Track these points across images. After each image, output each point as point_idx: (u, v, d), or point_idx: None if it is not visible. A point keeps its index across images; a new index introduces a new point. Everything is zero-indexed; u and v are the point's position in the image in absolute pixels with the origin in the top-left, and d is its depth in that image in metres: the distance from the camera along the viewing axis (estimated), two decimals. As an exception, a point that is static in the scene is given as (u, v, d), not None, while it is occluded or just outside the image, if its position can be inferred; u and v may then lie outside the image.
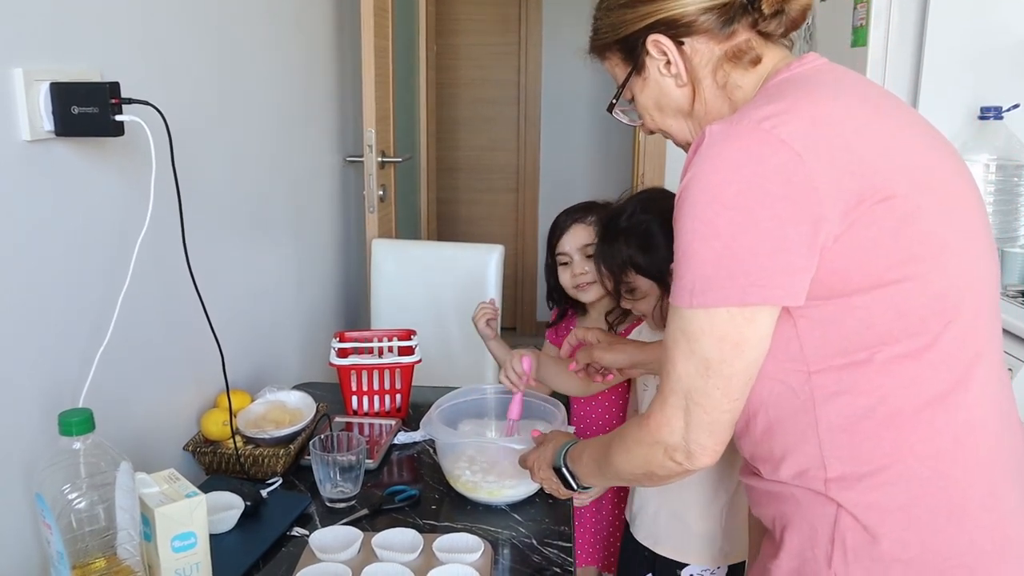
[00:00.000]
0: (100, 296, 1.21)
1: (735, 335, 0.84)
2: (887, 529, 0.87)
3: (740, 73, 0.95)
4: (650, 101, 1.01)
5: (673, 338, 0.88)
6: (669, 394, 0.90)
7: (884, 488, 0.87)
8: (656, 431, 0.92)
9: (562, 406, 1.46)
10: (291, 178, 2.02)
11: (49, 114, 1.07)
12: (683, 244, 0.85)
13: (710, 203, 0.82)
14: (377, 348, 1.74)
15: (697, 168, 0.84)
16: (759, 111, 0.84)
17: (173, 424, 1.46)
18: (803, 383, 0.89)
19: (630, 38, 0.98)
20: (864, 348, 0.85)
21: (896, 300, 0.84)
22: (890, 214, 0.82)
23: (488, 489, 1.34)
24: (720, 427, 0.89)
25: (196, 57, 1.50)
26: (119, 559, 0.96)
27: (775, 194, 0.80)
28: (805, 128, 0.82)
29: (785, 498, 0.94)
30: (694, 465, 0.91)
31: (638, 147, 3.37)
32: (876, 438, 0.87)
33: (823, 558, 0.90)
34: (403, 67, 2.79)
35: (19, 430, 1.07)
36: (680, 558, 1.44)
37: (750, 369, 0.87)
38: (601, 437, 1.10)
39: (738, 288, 0.82)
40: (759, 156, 0.81)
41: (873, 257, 0.83)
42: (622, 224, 1.38)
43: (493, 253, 2.26)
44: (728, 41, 0.94)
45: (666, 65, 0.97)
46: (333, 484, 1.33)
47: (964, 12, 2.46)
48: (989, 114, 2.27)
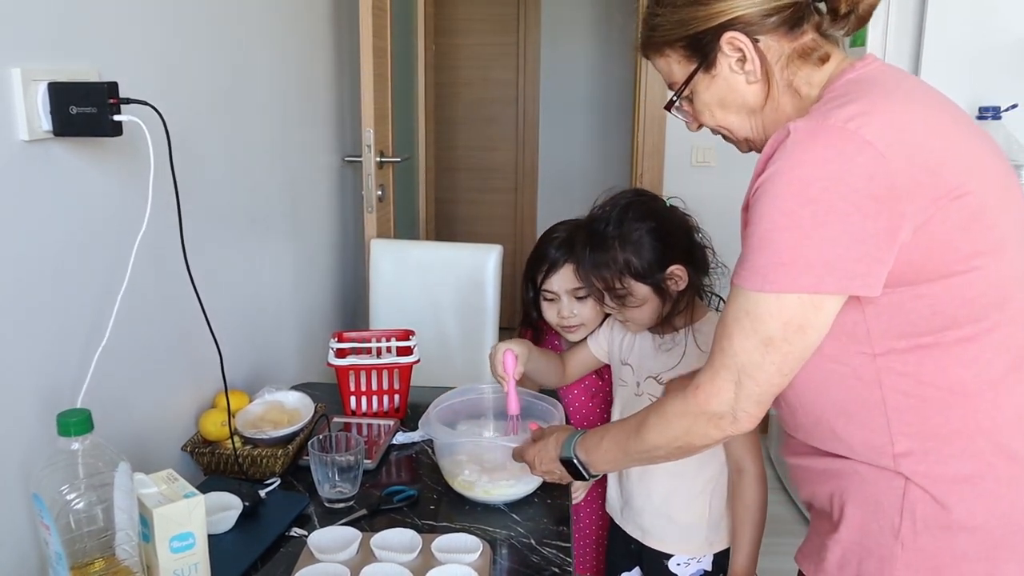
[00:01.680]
0: (98, 296, 1.20)
1: (801, 319, 0.89)
2: (955, 499, 0.93)
3: (809, 70, 0.99)
4: (715, 98, 1.03)
5: (734, 316, 0.92)
6: (721, 368, 0.95)
7: (950, 461, 0.93)
8: (705, 402, 0.97)
9: (560, 405, 1.46)
10: (289, 178, 2.02)
11: (47, 114, 1.07)
12: (760, 231, 0.89)
13: (795, 196, 0.86)
14: (375, 348, 1.74)
15: (783, 162, 0.88)
16: (842, 111, 0.88)
17: (171, 424, 1.46)
18: (867, 365, 0.94)
19: (701, 35, 0.99)
20: (929, 332, 0.91)
21: (962, 289, 0.89)
22: (962, 211, 0.87)
23: (486, 488, 1.34)
24: (767, 398, 0.95)
25: (195, 57, 1.50)
26: (117, 560, 0.96)
27: (859, 190, 0.84)
28: (886, 129, 0.86)
29: (847, 474, 1.00)
30: (737, 430, 0.97)
31: (636, 147, 3.37)
32: (942, 415, 0.93)
33: (889, 530, 0.96)
34: (401, 67, 2.79)
35: (17, 430, 1.07)
36: (666, 549, 1.45)
37: (807, 350, 0.92)
38: (621, 420, 1.17)
39: (814, 276, 0.87)
40: (845, 154, 0.85)
41: (945, 250, 0.88)
42: (611, 231, 1.36)
43: (491, 253, 2.26)
44: (798, 39, 0.98)
45: (739, 62, 0.99)
46: (331, 484, 1.33)
47: (962, 12, 2.47)
48: (987, 114, 2.28)
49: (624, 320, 1.44)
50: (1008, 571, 0.93)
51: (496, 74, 4.50)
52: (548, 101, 4.51)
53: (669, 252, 1.35)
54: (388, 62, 2.47)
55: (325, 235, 2.34)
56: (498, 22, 4.44)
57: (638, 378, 1.46)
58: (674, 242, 1.37)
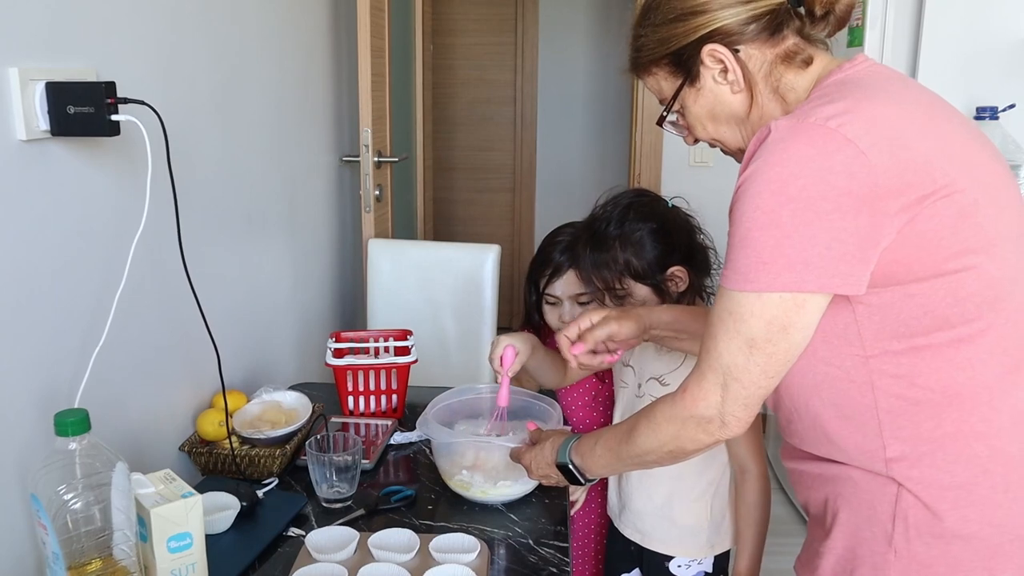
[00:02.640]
0: (96, 296, 1.20)
1: (783, 318, 0.88)
2: (948, 506, 0.91)
3: (793, 75, 0.99)
4: (704, 111, 1.04)
5: (719, 317, 0.92)
6: (707, 370, 0.94)
7: (944, 466, 0.91)
8: (692, 406, 0.96)
9: (557, 405, 1.46)
10: (287, 177, 2.02)
11: (44, 114, 1.07)
12: (741, 231, 0.88)
13: (775, 194, 0.86)
14: (373, 348, 1.74)
15: (763, 160, 0.88)
16: (824, 110, 0.88)
17: (169, 424, 1.46)
18: (860, 367, 0.93)
19: (682, 51, 1.00)
20: (922, 333, 0.90)
21: (953, 288, 0.88)
22: (950, 208, 0.86)
23: (484, 488, 1.34)
24: (754, 401, 0.94)
25: (192, 57, 1.49)
26: (115, 560, 0.96)
27: (839, 188, 0.84)
28: (868, 127, 0.86)
29: (841, 480, 0.99)
30: (726, 435, 0.96)
31: (634, 147, 3.37)
32: (936, 419, 0.91)
33: (882, 536, 0.94)
34: (399, 67, 2.79)
35: (15, 430, 1.07)
36: (667, 551, 1.45)
37: (792, 351, 0.91)
38: (614, 425, 1.16)
39: (795, 275, 0.86)
40: (826, 152, 0.85)
41: (933, 248, 0.87)
42: (612, 231, 1.36)
43: (489, 253, 2.26)
44: (780, 45, 0.98)
45: (721, 73, 0.99)
46: (329, 484, 1.33)
47: (959, 13, 2.47)
48: (985, 115, 2.28)
49: None
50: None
51: (494, 74, 4.50)
52: (546, 101, 4.51)
53: (670, 253, 1.35)
54: (386, 62, 2.47)
55: (323, 235, 2.34)
56: (496, 22, 4.44)
57: (639, 380, 1.45)
58: (675, 243, 1.36)
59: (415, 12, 3.03)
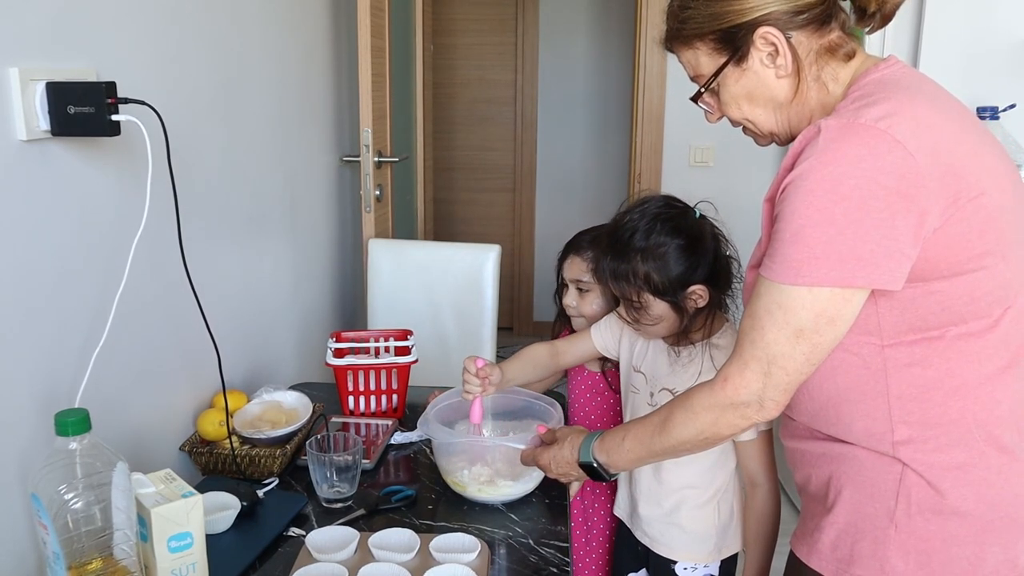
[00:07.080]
0: (96, 296, 1.20)
1: (832, 311, 0.92)
2: (949, 485, 0.97)
3: (836, 66, 1.02)
4: (743, 91, 1.05)
5: (766, 309, 0.95)
6: (751, 359, 0.97)
7: (946, 449, 0.97)
8: (733, 393, 1.00)
9: (558, 405, 1.46)
10: (287, 177, 2.02)
11: (45, 114, 1.07)
12: (794, 227, 0.91)
13: (828, 193, 0.89)
14: (373, 348, 1.74)
15: (815, 159, 0.91)
16: (871, 111, 0.91)
17: (169, 424, 1.46)
18: (875, 355, 0.98)
19: (735, 29, 1.01)
20: (937, 327, 0.95)
21: (970, 287, 0.93)
22: (979, 213, 0.91)
23: (484, 488, 1.34)
24: (794, 386, 0.98)
25: (192, 57, 1.50)
26: (115, 559, 0.96)
27: (889, 188, 0.88)
28: (914, 129, 0.89)
29: (846, 459, 1.03)
30: (762, 417, 1.00)
31: (635, 147, 3.38)
32: (943, 406, 0.97)
33: (884, 513, 0.99)
34: (400, 67, 2.79)
35: (15, 430, 1.07)
36: (674, 556, 1.44)
37: (834, 341, 0.95)
38: (641, 419, 1.17)
39: (845, 270, 0.90)
40: (877, 153, 0.88)
41: (960, 249, 0.92)
42: (637, 242, 1.31)
43: (490, 253, 2.26)
44: (825, 36, 1.01)
45: (770, 56, 1.01)
46: (329, 484, 1.33)
47: (960, 13, 2.47)
48: (985, 115, 2.28)
49: (638, 328, 1.39)
50: (992, 554, 0.97)
51: (494, 74, 4.50)
52: (546, 101, 4.51)
53: (693, 272, 1.30)
54: (386, 62, 2.47)
55: (323, 235, 2.34)
56: (496, 22, 4.44)
57: (652, 388, 1.42)
58: (700, 261, 1.31)
59: (415, 12, 3.03)
